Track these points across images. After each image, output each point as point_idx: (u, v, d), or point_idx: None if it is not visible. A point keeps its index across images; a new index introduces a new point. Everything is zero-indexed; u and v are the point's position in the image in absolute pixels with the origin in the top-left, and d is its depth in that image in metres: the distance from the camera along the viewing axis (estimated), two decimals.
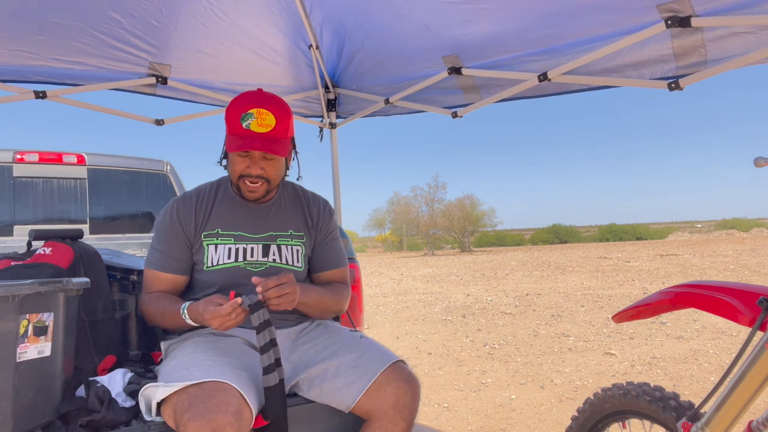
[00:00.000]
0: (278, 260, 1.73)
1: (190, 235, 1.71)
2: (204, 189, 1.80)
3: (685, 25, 2.04)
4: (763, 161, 1.18)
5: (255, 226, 1.75)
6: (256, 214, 1.76)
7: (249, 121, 1.59)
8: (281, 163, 1.70)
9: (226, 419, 1.26)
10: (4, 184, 3.88)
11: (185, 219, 1.71)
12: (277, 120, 1.62)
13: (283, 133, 1.64)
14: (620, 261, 16.16)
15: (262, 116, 1.60)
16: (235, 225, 1.73)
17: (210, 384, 1.32)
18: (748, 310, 1.19)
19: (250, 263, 1.71)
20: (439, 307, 8.70)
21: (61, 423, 1.40)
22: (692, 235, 37.63)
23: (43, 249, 1.75)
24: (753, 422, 1.21)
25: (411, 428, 1.54)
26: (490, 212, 36.69)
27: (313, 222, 1.83)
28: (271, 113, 1.62)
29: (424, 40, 2.69)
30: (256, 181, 1.66)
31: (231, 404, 1.29)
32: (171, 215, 1.72)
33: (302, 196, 1.88)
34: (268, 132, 1.60)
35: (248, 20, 2.69)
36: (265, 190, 1.70)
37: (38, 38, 2.47)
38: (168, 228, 1.71)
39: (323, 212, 1.87)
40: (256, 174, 1.64)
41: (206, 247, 1.70)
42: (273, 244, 1.74)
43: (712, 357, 4.84)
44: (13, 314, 1.24)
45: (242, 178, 1.66)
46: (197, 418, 1.25)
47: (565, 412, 3.53)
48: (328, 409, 1.55)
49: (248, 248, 1.72)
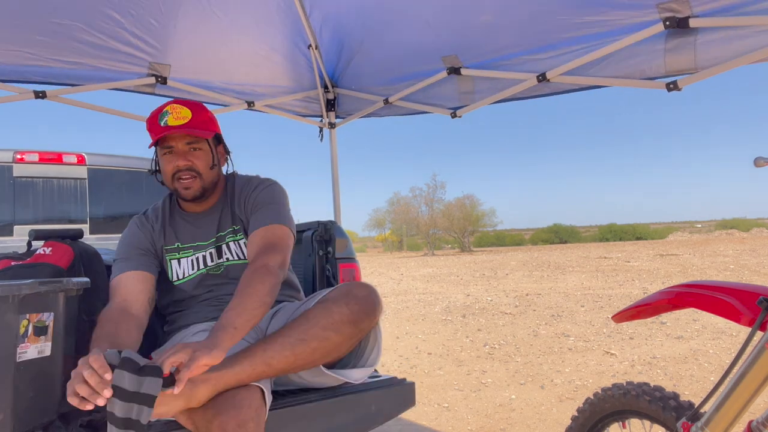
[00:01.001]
0: (231, 258, 1.76)
1: (152, 244, 1.75)
2: (158, 206, 1.84)
3: (683, 25, 2.04)
4: (763, 161, 1.18)
5: (206, 233, 1.78)
6: (205, 221, 1.79)
7: (166, 118, 1.63)
8: (207, 154, 1.70)
9: (250, 414, 1.28)
10: (4, 184, 3.88)
11: (148, 233, 1.76)
12: (194, 112, 1.65)
13: (202, 125, 1.66)
14: (620, 261, 16.16)
15: (176, 111, 1.64)
16: (191, 237, 1.77)
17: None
18: (748, 310, 1.19)
19: (210, 268, 1.75)
20: (439, 307, 8.69)
21: (61, 423, 1.40)
22: (692, 235, 37.63)
23: (43, 249, 1.75)
24: (753, 422, 1.21)
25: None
26: (490, 212, 36.67)
27: (242, 204, 1.79)
28: (186, 107, 1.65)
29: (424, 40, 2.69)
30: (186, 175, 1.66)
31: (254, 399, 1.32)
32: (135, 228, 1.77)
33: (237, 184, 1.84)
34: (186, 123, 1.62)
35: (248, 20, 2.69)
36: (200, 187, 1.69)
37: (38, 38, 2.47)
38: (131, 238, 1.75)
39: (253, 187, 1.80)
40: (183, 165, 1.65)
41: (169, 262, 1.75)
42: (222, 244, 1.76)
43: (712, 357, 4.84)
44: (13, 314, 1.24)
45: (174, 178, 1.67)
46: (222, 413, 1.26)
47: (565, 412, 3.53)
48: (328, 408, 1.55)
49: (206, 254, 1.76)
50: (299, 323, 1.46)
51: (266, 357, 1.37)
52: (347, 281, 2.27)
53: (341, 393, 1.60)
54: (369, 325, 1.54)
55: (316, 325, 1.44)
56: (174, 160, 1.66)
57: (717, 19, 2.00)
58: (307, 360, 1.44)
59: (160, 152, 1.70)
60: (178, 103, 1.68)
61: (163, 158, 1.68)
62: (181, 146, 1.65)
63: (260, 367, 1.36)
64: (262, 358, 1.37)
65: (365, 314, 1.50)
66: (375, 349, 1.64)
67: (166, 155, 1.67)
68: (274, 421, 1.44)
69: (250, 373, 1.35)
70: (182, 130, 1.61)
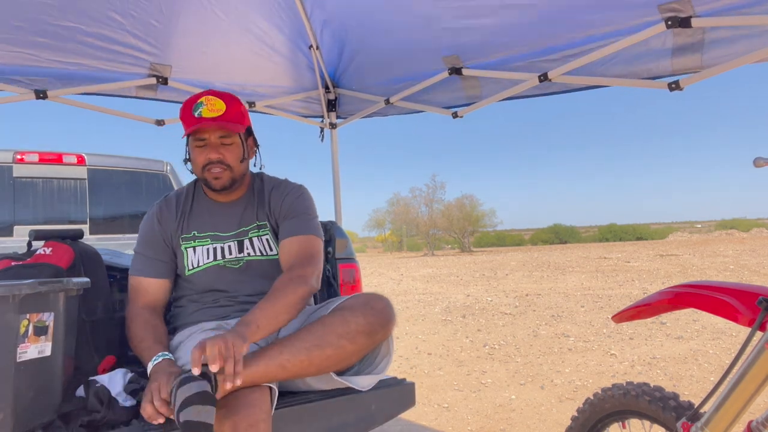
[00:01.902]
0: (252, 253, 1.76)
1: (169, 238, 1.76)
2: (182, 191, 1.85)
3: (685, 25, 2.04)
4: (763, 161, 1.18)
5: (228, 224, 1.78)
6: (228, 212, 1.79)
7: (200, 109, 1.64)
8: (238, 147, 1.72)
9: (261, 415, 1.29)
10: (4, 184, 3.88)
11: (167, 221, 1.77)
12: (228, 105, 1.66)
13: (236, 117, 1.67)
14: (620, 261, 16.16)
15: (211, 102, 1.65)
16: (210, 225, 1.77)
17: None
18: (747, 310, 1.19)
19: (229, 261, 1.75)
20: (438, 308, 8.69)
21: (61, 423, 1.40)
22: (692, 236, 37.63)
23: (43, 249, 1.76)
24: (753, 422, 1.21)
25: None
26: (490, 212, 36.65)
27: (272, 205, 1.81)
28: (221, 99, 1.67)
29: (425, 40, 2.69)
30: (217, 167, 1.67)
31: (265, 400, 1.33)
32: (154, 218, 1.78)
33: (266, 184, 1.87)
34: (220, 116, 1.64)
35: (248, 20, 2.69)
36: (230, 178, 1.71)
37: (39, 39, 2.47)
38: (151, 230, 1.77)
39: (284, 193, 1.83)
40: (215, 158, 1.66)
41: (185, 252, 1.75)
42: (245, 239, 1.77)
43: (711, 357, 4.85)
44: (13, 314, 1.24)
45: (205, 168, 1.69)
46: (235, 413, 1.27)
47: (565, 412, 3.53)
48: (328, 408, 1.55)
49: (225, 246, 1.76)
50: (316, 328, 1.47)
51: (282, 360, 1.39)
52: (347, 281, 2.27)
53: (341, 393, 1.60)
54: (383, 337, 1.56)
55: (332, 332, 1.45)
56: (206, 152, 1.67)
57: (719, 18, 2.00)
58: (320, 366, 1.45)
59: (192, 143, 1.70)
60: (212, 94, 1.69)
61: (195, 149, 1.69)
62: (213, 139, 1.66)
63: (275, 369, 1.37)
64: (278, 360, 1.38)
65: (380, 326, 1.52)
66: (386, 358, 1.65)
67: (199, 147, 1.68)
68: (275, 420, 1.44)
69: (264, 374, 1.36)
70: (216, 124, 1.62)
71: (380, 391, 1.67)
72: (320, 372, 1.47)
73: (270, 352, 1.39)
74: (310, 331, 1.46)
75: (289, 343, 1.42)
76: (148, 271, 1.72)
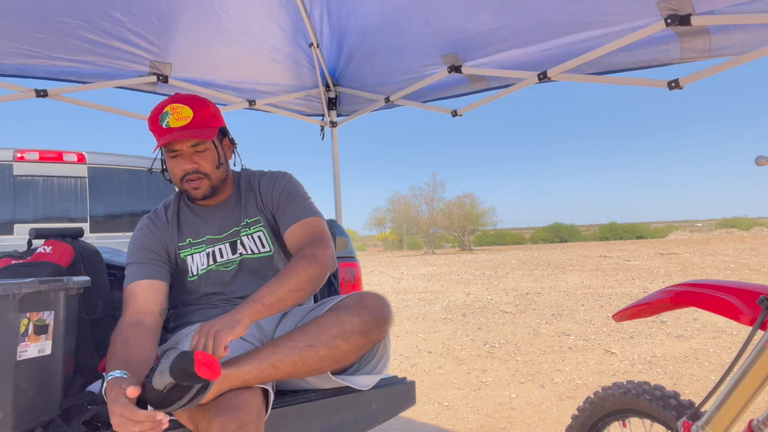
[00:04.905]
0: (245, 252, 1.75)
1: (165, 246, 1.73)
2: (169, 203, 1.82)
3: (684, 23, 2.04)
4: (764, 160, 1.17)
5: (220, 227, 1.76)
6: (218, 215, 1.77)
7: (167, 119, 1.60)
8: (213, 153, 1.68)
9: (251, 417, 1.27)
10: (4, 182, 3.88)
11: (160, 231, 1.74)
12: (195, 111, 1.62)
13: (205, 122, 1.63)
14: (620, 260, 16.16)
15: (177, 111, 1.61)
16: (203, 231, 1.75)
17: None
18: (748, 309, 1.19)
19: (222, 264, 1.73)
20: (439, 306, 8.70)
21: (61, 420, 1.40)
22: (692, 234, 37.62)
23: (43, 247, 1.76)
24: (753, 421, 1.21)
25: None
26: (490, 211, 36.63)
27: (263, 197, 1.79)
28: (187, 106, 1.62)
29: (424, 38, 2.69)
30: (194, 178, 1.65)
31: (255, 402, 1.31)
32: (146, 229, 1.74)
33: (251, 179, 1.84)
34: (188, 124, 1.59)
35: (249, 19, 2.68)
36: (209, 186, 1.68)
37: (39, 36, 2.47)
38: (143, 237, 1.72)
39: (272, 182, 1.80)
40: (191, 169, 1.63)
41: (185, 259, 1.73)
42: (237, 239, 1.75)
43: (712, 356, 4.84)
44: (13, 313, 1.24)
45: (183, 180, 1.66)
46: (224, 414, 1.25)
47: (565, 410, 3.53)
48: (328, 407, 1.55)
49: (217, 249, 1.74)
50: (310, 329, 1.45)
51: (274, 360, 1.37)
52: (347, 279, 2.27)
53: (341, 392, 1.60)
54: (379, 336, 1.54)
55: (327, 333, 1.44)
56: (180, 163, 1.64)
57: (719, 17, 2.00)
58: (314, 366, 1.43)
59: (165, 153, 1.67)
60: (178, 101, 1.63)
61: (170, 160, 1.66)
62: (185, 149, 1.62)
63: (267, 370, 1.36)
64: (270, 360, 1.36)
65: (376, 325, 1.50)
66: (384, 357, 1.63)
67: (172, 158, 1.65)
68: (275, 419, 1.44)
69: (256, 374, 1.34)
70: (185, 134, 1.58)
71: (381, 390, 1.67)
72: (315, 372, 1.46)
73: (263, 352, 1.38)
74: (303, 331, 1.45)
75: (282, 343, 1.41)
76: (138, 275, 1.64)
